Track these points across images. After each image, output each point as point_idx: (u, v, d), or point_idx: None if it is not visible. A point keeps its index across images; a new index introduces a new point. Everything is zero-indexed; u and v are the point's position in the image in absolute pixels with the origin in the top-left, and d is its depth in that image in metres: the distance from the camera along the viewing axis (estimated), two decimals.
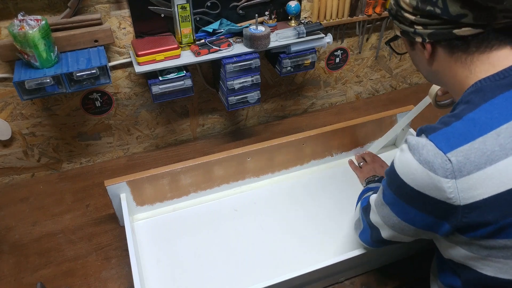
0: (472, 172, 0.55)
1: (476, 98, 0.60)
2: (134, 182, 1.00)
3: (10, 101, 1.07)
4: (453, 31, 0.60)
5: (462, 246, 0.63)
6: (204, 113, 1.34)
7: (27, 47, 0.90)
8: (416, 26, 0.64)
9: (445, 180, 0.56)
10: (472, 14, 0.57)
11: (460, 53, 0.63)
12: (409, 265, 0.97)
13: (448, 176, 0.55)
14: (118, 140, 1.28)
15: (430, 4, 0.60)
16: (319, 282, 0.91)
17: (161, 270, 0.97)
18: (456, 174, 0.55)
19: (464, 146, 0.55)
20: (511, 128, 0.55)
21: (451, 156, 0.55)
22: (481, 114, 0.57)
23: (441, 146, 0.56)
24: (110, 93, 1.16)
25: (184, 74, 1.07)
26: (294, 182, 1.18)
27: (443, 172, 0.56)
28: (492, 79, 0.61)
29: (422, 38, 0.64)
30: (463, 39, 0.61)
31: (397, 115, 1.20)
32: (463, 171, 0.55)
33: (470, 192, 0.56)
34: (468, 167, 0.55)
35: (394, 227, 0.70)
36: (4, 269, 0.99)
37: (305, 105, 1.49)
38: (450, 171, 0.55)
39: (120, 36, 1.06)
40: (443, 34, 0.62)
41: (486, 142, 0.55)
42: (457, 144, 0.56)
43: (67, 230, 1.08)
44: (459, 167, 0.55)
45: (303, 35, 1.13)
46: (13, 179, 1.24)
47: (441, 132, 0.58)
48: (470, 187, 0.55)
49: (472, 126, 0.57)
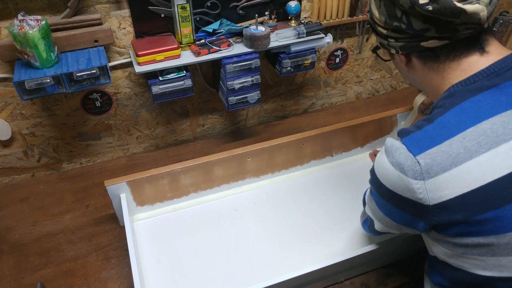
0: (438, 173, 0.57)
1: (447, 102, 0.63)
2: (134, 182, 1.00)
3: (10, 101, 1.07)
4: (420, 44, 0.65)
5: (441, 244, 0.65)
6: (204, 113, 1.34)
7: (27, 47, 0.90)
8: (389, 39, 0.69)
9: (415, 181, 0.59)
10: (435, 28, 0.61)
11: (432, 62, 0.67)
12: (409, 265, 0.97)
13: (417, 178, 0.58)
14: (118, 140, 1.28)
15: (396, 20, 0.65)
16: (319, 282, 0.91)
17: (161, 270, 0.97)
18: (424, 175, 0.58)
19: (432, 148, 0.58)
20: (476, 131, 0.58)
21: (420, 159, 0.58)
22: (450, 118, 0.60)
23: (412, 149, 0.59)
24: (110, 93, 1.16)
25: (184, 74, 1.07)
26: (294, 182, 1.18)
27: (413, 174, 0.59)
28: (464, 83, 0.64)
29: (395, 50, 0.70)
30: (432, 50, 0.66)
31: (397, 115, 1.20)
32: (430, 173, 0.58)
33: (438, 193, 0.58)
34: (435, 168, 0.58)
35: (381, 220, 0.74)
36: (4, 269, 0.99)
37: (305, 105, 1.49)
38: (419, 172, 0.58)
39: (120, 36, 1.06)
40: (412, 46, 0.66)
41: (452, 145, 0.58)
42: (426, 147, 0.59)
43: (67, 230, 1.08)
44: (427, 169, 0.58)
45: (303, 35, 1.13)
46: (13, 179, 1.24)
47: (413, 135, 0.61)
48: (437, 188, 0.58)
49: (441, 129, 0.60)
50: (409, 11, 0.62)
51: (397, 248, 0.93)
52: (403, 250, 0.96)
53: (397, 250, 0.95)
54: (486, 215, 0.57)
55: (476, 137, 0.57)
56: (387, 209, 0.69)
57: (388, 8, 0.65)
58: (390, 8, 0.65)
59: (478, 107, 0.60)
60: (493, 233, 0.58)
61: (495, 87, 0.61)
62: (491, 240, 0.58)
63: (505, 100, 0.59)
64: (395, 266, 0.97)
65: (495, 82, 0.61)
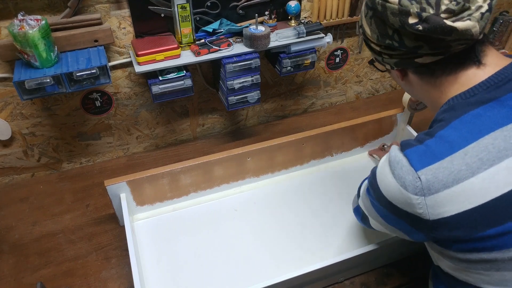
0: (440, 190, 0.57)
1: (447, 115, 0.62)
2: (134, 182, 1.00)
3: (10, 101, 1.07)
4: (415, 60, 0.64)
5: (445, 257, 0.65)
6: (204, 113, 1.34)
7: (27, 47, 0.90)
8: (383, 55, 0.69)
9: (415, 197, 0.58)
10: (427, 45, 0.61)
11: (428, 77, 0.67)
12: (409, 265, 0.97)
13: (417, 193, 0.58)
14: (118, 140, 1.28)
15: (388, 38, 0.64)
16: (319, 282, 0.91)
17: (161, 270, 0.97)
18: (425, 192, 0.57)
19: (434, 164, 0.57)
20: (478, 147, 0.57)
21: (421, 174, 0.57)
22: (451, 132, 0.59)
23: (414, 163, 0.59)
24: (110, 93, 1.16)
25: (184, 74, 1.07)
26: (294, 182, 1.18)
27: (413, 189, 0.58)
28: (463, 96, 0.63)
29: (390, 66, 0.70)
30: (427, 66, 0.65)
31: (397, 115, 1.20)
32: (431, 189, 0.57)
33: (438, 209, 0.57)
34: (436, 185, 0.57)
35: (376, 219, 0.73)
36: (4, 269, 0.99)
37: (305, 105, 1.49)
38: (420, 188, 0.57)
39: (120, 36, 1.06)
40: (406, 63, 0.66)
41: (453, 161, 0.57)
42: (428, 163, 0.58)
43: (67, 230, 1.08)
44: (428, 185, 0.57)
45: (303, 35, 1.13)
46: (13, 179, 1.24)
47: (415, 149, 0.60)
48: (438, 204, 0.57)
49: (442, 145, 0.59)
50: (400, 30, 0.62)
51: (397, 248, 0.93)
52: (403, 250, 0.97)
53: (397, 250, 0.95)
54: (489, 232, 0.56)
55: (477, 153, 0.56)
56: (385, 214, 0.68)
57: (379, 27, 0.65)
58: (381, 27, 0.65)
59: (479, 121, 0.59)
60: (497, 249, 0.57)
61: (495, 100, 0.60)
62: (494, 255, 0.57)
63: (506, 113, 0.58)
64: (395, 266, 0.97)
65: (495, 94, 0.60)
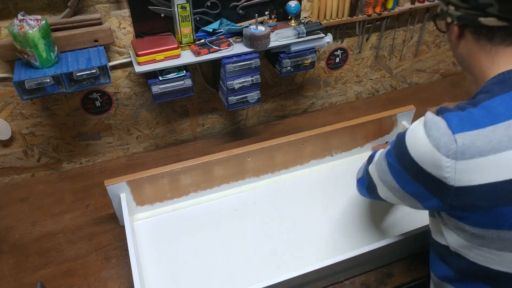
0: (474, 157, 0.56)
1: (496, 88, 0.60)
2: (134, 182, 1.00)
3: (10, 101, 1.07)
4: (478, 19, 0.62)
5: (458, 232, 0.64)
6: (204, 113, 1.34)
7: (27, 47, 0.90)
8: (449, 6, 0.66)
9: (446, 159, 0.57)
10: (498, 5, 0.58)
11: (485, 42, 0.64)
12: (409, 265, 0.97)
13: (449, 156, 0.57)
14: (118, 140, 1.28)
15: None
16: (319, 282, 0.91)
17: (161, 270, 0.97)
18: (458, 155, 0.56)
19: (473, 131, 0.56)
20: None
21: (458, 138, 0.56)
22: (497, 104, 0.58)
23: (452, 126, 0.57)
24: (110, 93, 1.16)
25: (184, 74, 1.07)
26: (294, 182, 1.18)
27: (446, 151, 0.57)
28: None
29: (452, 19, 0.66)
30: (488, 29, 0.62)
31: (397, 115, 1.20)
32: (465, 154, 0.56)
33: (467, 176, 0.57)
34: (472, 151, 0.56)
35: (387, 186, 0.73)
36: (4, 269, 0.99)
37: (305, 105, 1.49)
38: (453, 151, 0.56)
39: (120, 36, 1.06)
40: (469, 19, 0.63)
41: (495, 131, 0.56)
42: (467, 128, 0.57)
43: (67, 230, 1.08)
44: (463, 149, 0.56)
45: (303, 35, 1.13)
46: (13, 179, 1.24)
47: (455, 113, 0.59)
48: (468, 171, 0.56)
49: (486, 114, 0.57)
50: None
51: (397, 248, 0.93)
52: (403, 250, 0.97)
53: (396, 250, 0.95)
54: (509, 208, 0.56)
55: None
56: (402, 178, 0.67)
57: None
58: None
59: None
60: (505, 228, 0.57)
61: None
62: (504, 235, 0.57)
63: None
64: (395, 266, 0.97)
65: None
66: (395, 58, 1.50)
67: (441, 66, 1.62)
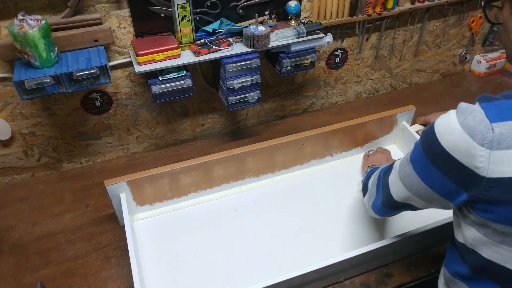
0: (511, 147, 0.54)
1: None
2: (134, 182, 1.00)
3: (10, 101, 1.07)
4: None
5: (478, 228, 0.62)
6: (204, 113, 1.34)
7: (27, 47, 0.90)
8: None
9: (480, 148, 0.55)
10: None
11: None
12: (409, 265, 0.97)
13: (484, 145, 0.55)
14: (118, 140, 1.28)
15: None
16: (319, 282, 0.91)
17: (161, 270, 0.97)
18: (493, 145, 0.54)
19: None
20: None
21: (496, 127, 0.54)
22: None
23: (490, 115, 0.55)
24: (110, 93, 1.16)
25: (184, 74, 1.07)
26: (294, 182, 1.18)
27: (481, 140, 0.55)
28: None
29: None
30: None
31: (397, 115, 1.20)
32: (501, 144, 0.54)
33: (501, 167, 0.55)
34: (509, 141, 0.54)
35: (411, 187, 0.69)
36: (4, 269, 0.98)
37: (305, 105, 1.49)
38: (489, 140, 0.54)
39: (120, 36, 1.06)
40: None
41: None
42: (507, 118, 0.55)
43: (67, 230, 1.08)
44: (499, 139, 0.54)
45: (303, 35, 1.13)
46: (13, 179, 1.24)
47: (496, 103, 0.57)
48: (503, 162, 0.54)
49: None
50: None
51: (397, 249, 0.93)
52: (403, 250, 0.97)
53: (397, 251, 0.95)
54: None
55: None
56: (428, 173, 0.64)
57: None
58: None
59: None
60: None
61: None
62: None
63: None
64: (395, 266, 0.97)
65: None
66: (395, 58, 1.50)
67: (441, 66, 1.62)
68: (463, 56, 1.61)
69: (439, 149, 0.60)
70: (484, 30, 1.58)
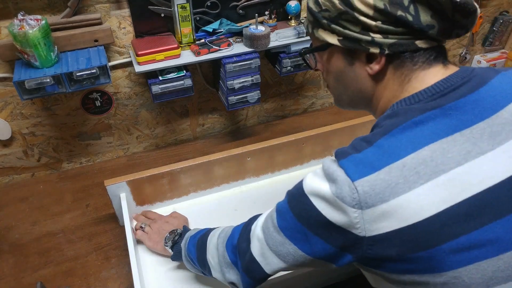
0: (377, 204, 0.51)
1: (389, 122, 0.57)
2: (134, 182, 1.00)
3: (10, 101, 1.07)
4: (415, 42, 0.57)
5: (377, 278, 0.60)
6: (204, 113, 1.34)
7: (27, 47, 0.90)
8: (373, 34, 0.57)
9: (352, 209, 0.52)
10: (438, 26, 0.55)
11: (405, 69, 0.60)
12: None
13: (355, 206, 0.52)
14: (118, 140, 1.28)
15: (402, 9, 0.55)
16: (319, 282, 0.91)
17: (161, 270, 0.97)
18: (362, 204, 0.52)
19: (370, 175, 0.52)
20: (416, 158, 0.52)
21: (358, 185, 0.52)
22: (390, 141, 0.54)
23: (350, 173, 0.53)
24: (110, 93, 1.16)
25: (184, 74, 1.07)
26: (294, 182, 1.16)
27: (351, 201, 0.52)
28: (408, 101, 0.58)
29: (380, 49, 0.58)
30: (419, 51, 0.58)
31: None
32: (368, 202, 0.52)
33: (375, 224, 0.52)
34: (373, 198, 0.51)
35: (286, 257, 0.62)
36: (4, 269, 0.99)
37: (305, 105, 1.49)
38: (357, 201, 0.52)
39: (120, 36, 1.06)
40: (406, 45, 0.57)
41: (391, 172, 0.52)
42: (365, 173, 0.52)
43: (67, 230, 1.08)
44: (365, 197, 0.52)
45: (303, 35, 1.13)
46: (13, 179, 1.24)
47: (351, 157, 0.55)
48: (375, 219, 0.52)
49: (381, 154, 0.54)
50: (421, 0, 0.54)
51: None
52: None
53: None
54: (421, 253, 0.52)
55: (415, 166, 0.52)
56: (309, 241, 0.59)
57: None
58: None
59: (420, 130, 0.54)
60: (428, 271, 0.53)
61: (439, 108, 0.55)
62: (426, 278, 0.53)
63: (447, 124, 0.54)
64: None
65: (440, 102, 0.55)
66: None
67: None
68: (463, 56, 1.61)
69: (315, 215, 0.56)
70: (484, 30, 1.58)
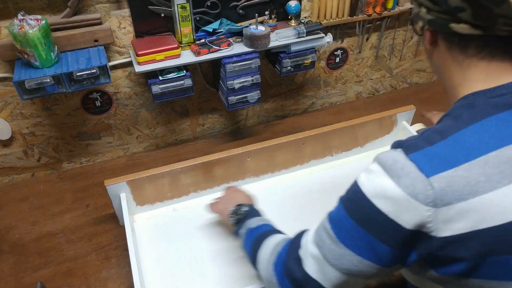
0: (453, 202, 0.48)
1: (466, 114, 0.53)
2: (134, 182, 1.00)
3: (10, 101, 1.07)
4: (449, 25, 0.54)
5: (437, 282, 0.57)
6: (204, 113, 1.34)
7: (27, 47, 0.90)
8: (421, 8, 0.58)
9: (426, 208, 0.48)
10: (471, 10, 0.51)
11: (458, 51, 0.57)
12: None
13: (428, 204, 0.48)
14: (118, 140, 1.28)
15: None
16: None
17: (161, 270, 0.97)
18: (437, 202, 0.48)
19: (447, 171, 0.48)
20: (500, 157, 0.48)
21: (434, 182, 0.48)
22: (469, 136, 0.51)
23: (424, 168, 0.49)
24: (110, 93, 1.16)
25: (184, 74, 1.07)
26: (294, 182, 1.18)
27: (424, 199, 0.48)
28: (488, 94, 0.54)
29: (423, 22, 0.59)
30: (461, 37, 0.55)
31: (397, 115, 1.20)
32: (444, 200, 0.48)
33: (449, 224, 0.49)
34: (450, 196, 0.48)
35: (349, 269, 0.57)
36: (4, 269, 0.99)
37: (305, 105, 1.49)
38: (432, 198, 0.48)
39: (120, 36, 1.06)
40: (440, 24, 0.56)
41: (471, 169, 0.48)
42: (441, 168, 0.49)
43: (67, 230, 1.08)
44: (440, 195, 0.48)
45: (303, 34, 1.13)
46: (13, 179, 1.24)
47: (423, 151, 0.51)
48: (450, 219, 0.49)
49: (458, 149, 0.50)
50: None
51: None
52: None
53: None
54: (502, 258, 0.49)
55: (499, 164, 0.48)
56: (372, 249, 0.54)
57: None
58: None
59: (505, 127, 0.50)
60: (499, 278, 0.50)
61: None
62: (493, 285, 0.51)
63: None
64: None
65: None
66: (395, 58, 1.50)
67: None
68: None
69: (381, 219, 0.52)
70: None
